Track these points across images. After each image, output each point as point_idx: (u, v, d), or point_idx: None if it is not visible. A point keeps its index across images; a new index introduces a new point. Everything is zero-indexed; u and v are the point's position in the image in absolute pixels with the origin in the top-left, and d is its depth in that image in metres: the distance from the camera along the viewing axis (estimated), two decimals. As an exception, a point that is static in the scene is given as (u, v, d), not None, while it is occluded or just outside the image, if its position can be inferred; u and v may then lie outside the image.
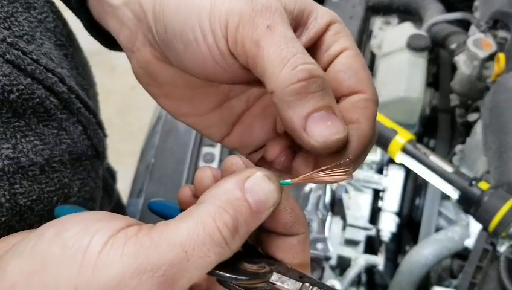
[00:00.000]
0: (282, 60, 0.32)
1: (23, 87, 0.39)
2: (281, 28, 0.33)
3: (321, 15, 0.37)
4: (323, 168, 0.34)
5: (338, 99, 0.37)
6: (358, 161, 0.36)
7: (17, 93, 0.39)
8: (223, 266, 0.31)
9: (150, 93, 0.43)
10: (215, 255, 0.30)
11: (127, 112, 2.44)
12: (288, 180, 0.35)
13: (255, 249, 0.37)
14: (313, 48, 0.37)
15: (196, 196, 0.37)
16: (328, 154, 0.34)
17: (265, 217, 0.33)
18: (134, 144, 1.55)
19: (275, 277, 0.34)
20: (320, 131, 0.33)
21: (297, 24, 0.37)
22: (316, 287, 0.33)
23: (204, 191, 0.35)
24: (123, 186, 1.38)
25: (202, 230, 0.30)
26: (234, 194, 0.32)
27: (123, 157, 1.70)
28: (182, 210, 0.38)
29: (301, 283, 0.33)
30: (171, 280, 0.29)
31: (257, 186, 0.32)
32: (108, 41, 0.45)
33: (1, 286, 0.29)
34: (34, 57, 0.41)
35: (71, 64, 0.48)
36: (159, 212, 0.41)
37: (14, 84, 0.39)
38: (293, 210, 0.34)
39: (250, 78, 0.35)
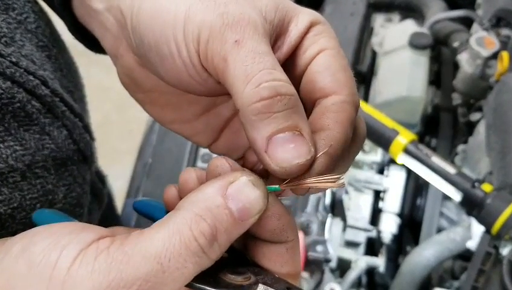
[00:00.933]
0: (246, 77, 0.31)
1: (2, 91, 0.38)
2: (251, 42, 0.32)
3: (301, 19, 0.35)
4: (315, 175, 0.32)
5: (313, 104, 0.35)
6: (338, 167, 0.34)
7: None
8: (204, 276, 0.29)
9: (136, 99, 0.42)
10: (192, 265, 0.28)
11: (124, 110, 2.43)
12: (277, 186, 0.32)
13: (241, 254, 0.35)
14: (293, 53, 0.36)
15: (181, 198, 0.35)
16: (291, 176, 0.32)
17: (249, 224, 0.31)
18: (132, 142, 1.53)
19: (260, 289, 0.32)
20: (282, 154, 0.31)
21: (279, 33, 0.35)
22: None
23: (187, 194, 0.33)
24: (120, 185, 1.37)
25: (178, 240, 0.28)
26: (214, 201, 0.30)
27: (120, 155, 1.69)
28: (167, 211, 0.37)
29: None
30: None
31: (241, 192, 0.30)
32: (94, 43, 0.44)
33: None
34: (13, 59, 0.39)
35: (54, 65, 0.47)
36: (144, 212, 0.40)
37: None
38: (282, 216, 0.32)
39: (227, 91, 0.33)
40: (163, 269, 0.28)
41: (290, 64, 0.36)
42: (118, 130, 2.31)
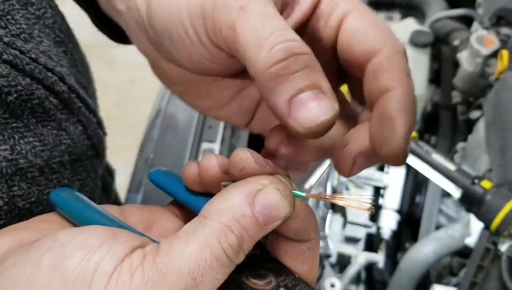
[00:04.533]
0: (259, 42, 0.29)
1: (21, 88, 0.38)
2: (256, 5, 0.30)
3: None
4: (347, 196, 0.32)
5: (360, 73, 0.33)
6: (407, 134, 0.31)
7: (15, 95, 0.37)
8: (227, 281, 0.30)
9: (174, 92, 0.42)
10: (222, 276, 0.29)
11: (125, 106, 2.43)
12: (303, 194, 0.32)
13: (262, 247, 0.35)
14: (312, 25, 0.34)
15: (201, 180, 0.35)
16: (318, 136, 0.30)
17: (274, 228, 0.31)
18: (133, 138, 1.54)
19: None
20: (306, 115, 0.29)
21: (286, 1, 0.33)
22: None
23: (209, 180, 0.34)
24: (122, 181, 1.37)
25: (209, 254, 0.28)
26: (242, 210, 0.30)
27: (121, 152, 1.69)
28: (186, 187, 0.36)
29: None
30: None
31: (269, 202, 0.30)
32: (117, 34, 0.44)
33: None
34: (33, 56, 0.39)
35: (70, 61, 0.47)
36: (160, 184, 0.40)
37: (13, 85, 0.37)
38: (306, 217, 0.32)
39: (242, 64, 0.32)
40: (197, 283, 0.28)
41: (315, 38, 0.34)
42: (118, 126, 2.31)
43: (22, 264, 0.28)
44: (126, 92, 2.52)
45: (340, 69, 0.36)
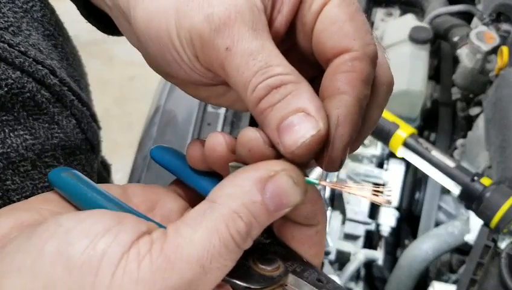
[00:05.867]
0: (244, 84, 0.31)
1: (12, 81, 0.38)
2: (241, 45, 0.31)
3: None
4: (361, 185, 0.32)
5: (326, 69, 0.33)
6: (362, 131, 0.33)
7: (6, 88, 0.37)
8: (235, 267, 0.29)
9: (171, 82, 0.42)
10: (231, 262, 0.29)
11: (124, 103, 2.43)
12: (315, 180, 0.32)
13: (269, 230, 0.34)
14: (298, 10, 0.34)
15: (207, 161, 0.34)
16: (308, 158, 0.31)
17: (283, 214, 0.30)
18: (132, 135, 1.54)
19: (291, 280, 0.32)
20: (289, 138, 0.30)
21: None
22: None
23: (215, 160, 0.33)
24: (120, 178, 1.37)
25: (217, 240, 0.28)
26: (252, 197, 0.29)
27: (120, 149, 1.69)
28: (190, 166, 0.36)
29: (319, 289, 0.31)
30: None
31: (280, 190, 0.29)
32: (107, 26, 0.44)
33: None
34: (22, 49, 0.39)
35: (61, 54, 0.46)
36: (161, 162, 0.39)
37: (3, 78, 0.37)
38: (316, 202, 0.32)
39: None
40: (205, 271, 0.27)
41: (299, 24, 0.34)
42: (117, 123, 2.31)
43: (25, 251, 0.27)
44: (125, 89, 2.52)
45: None
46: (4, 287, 0.27)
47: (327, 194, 1.14)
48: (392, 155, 1.26)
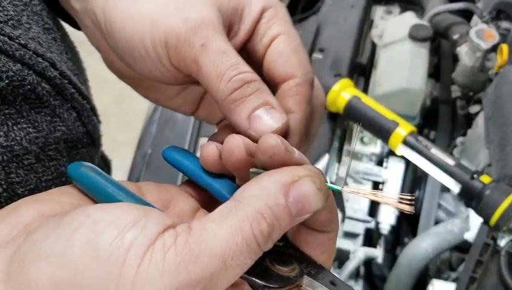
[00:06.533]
0: (218, 75, 0.36)
1: (13, 73, 0.38)
2: (215, 43, 0.37)
3: (254, 5, 0.40)
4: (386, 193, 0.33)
5: (277, 88, 0.40)
6: (307, 140, 0.39)
7: (6, 81, 0.37)
8: (253, 266, 0.30)
9: (124, 82, 0.47)
10: (250, 261, 0.30)
11: (123, 101, 2.42)
12: (338, 188, 0.34)
13: (283, 236, 0.35)
14: (251, 40, 0.40)
15: (220, 163, 0.36)
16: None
17: (303, 220, 0.32)
18: (131, 134, 1.53)
19: (306, 282, 0.33)
20: (263, 126, 0.36)
21: (232, 21, 0.40)
22: None
23: (233, 163, 0.35)
24: (119, 176, 1.37)
25: (240, 238, 0.29)
26: (276, 200, 0.30)
27: (119, 147, 1.69)
28: (204, 169, 0.37)
29: None
30: None
31: (304, 195, 0.31)
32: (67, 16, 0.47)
33: None
34: (22, 42, 0.39)
35: (60, 48, 0.47)
36: (173, 163, 0.40)
37: (3, 71, 0.37)
38: (332, 209, 0.33)
39: (195, 80, 0.38)
40: (226, 266, 0.28)
41: (252, 51, 0.41)
42: (116, 122, 2.30)
43: (54, 239, 0.28)
44: (124, 87, 2.50)
45: None
46: (32, 275, 0.27)
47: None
48: (391, 153, 1.26)
